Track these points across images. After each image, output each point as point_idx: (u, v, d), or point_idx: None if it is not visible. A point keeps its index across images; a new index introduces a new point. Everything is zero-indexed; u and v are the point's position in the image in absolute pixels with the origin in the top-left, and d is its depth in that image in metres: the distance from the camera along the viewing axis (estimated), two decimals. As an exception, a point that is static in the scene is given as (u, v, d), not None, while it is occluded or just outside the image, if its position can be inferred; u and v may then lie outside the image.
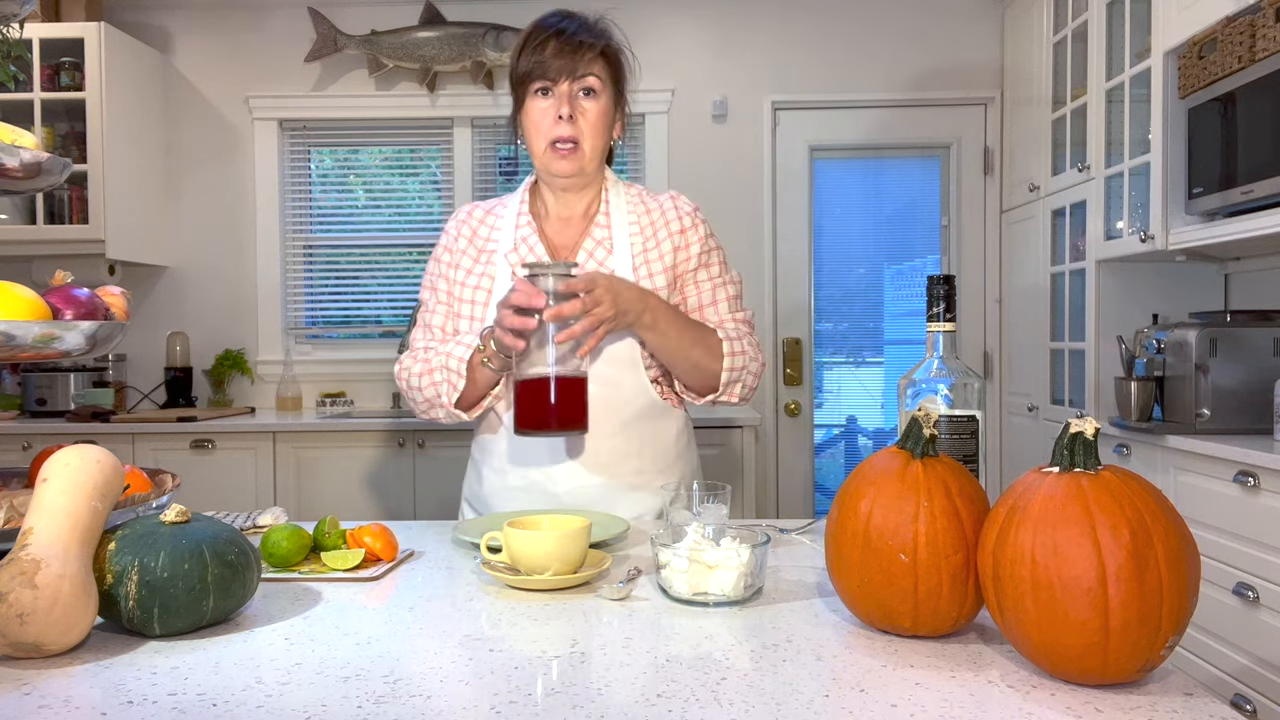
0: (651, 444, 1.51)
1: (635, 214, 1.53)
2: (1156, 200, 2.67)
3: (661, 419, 1.52)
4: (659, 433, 1.52)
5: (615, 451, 1.47)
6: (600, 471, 1.47)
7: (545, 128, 1.44)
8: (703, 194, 3.65)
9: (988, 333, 3.86)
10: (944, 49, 3.83)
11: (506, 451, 1.51)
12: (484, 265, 1.51)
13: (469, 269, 1.52)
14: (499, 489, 1.52)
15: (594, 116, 1.45)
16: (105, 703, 0.75)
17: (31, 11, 1.24)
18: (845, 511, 0.91)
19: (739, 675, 0.80)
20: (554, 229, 1.54)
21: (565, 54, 1.42)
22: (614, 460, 1.47)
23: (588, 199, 1.54)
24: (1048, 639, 0.76)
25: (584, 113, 1.44)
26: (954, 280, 1.11)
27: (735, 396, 1.49)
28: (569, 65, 1.42)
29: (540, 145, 1.46)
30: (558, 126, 1.43)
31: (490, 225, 1.55)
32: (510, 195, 1.59)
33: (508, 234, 1.52)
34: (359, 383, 3.88)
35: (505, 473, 1.51)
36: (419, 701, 0.75)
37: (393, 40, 3.77)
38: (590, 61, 1.43)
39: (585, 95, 1.44)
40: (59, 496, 0.89)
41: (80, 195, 3.50)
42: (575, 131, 1.44)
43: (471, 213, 1.57)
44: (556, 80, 1.42)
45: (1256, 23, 2.24)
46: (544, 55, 1.42)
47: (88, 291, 1.14)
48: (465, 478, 1.64)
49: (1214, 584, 2.24)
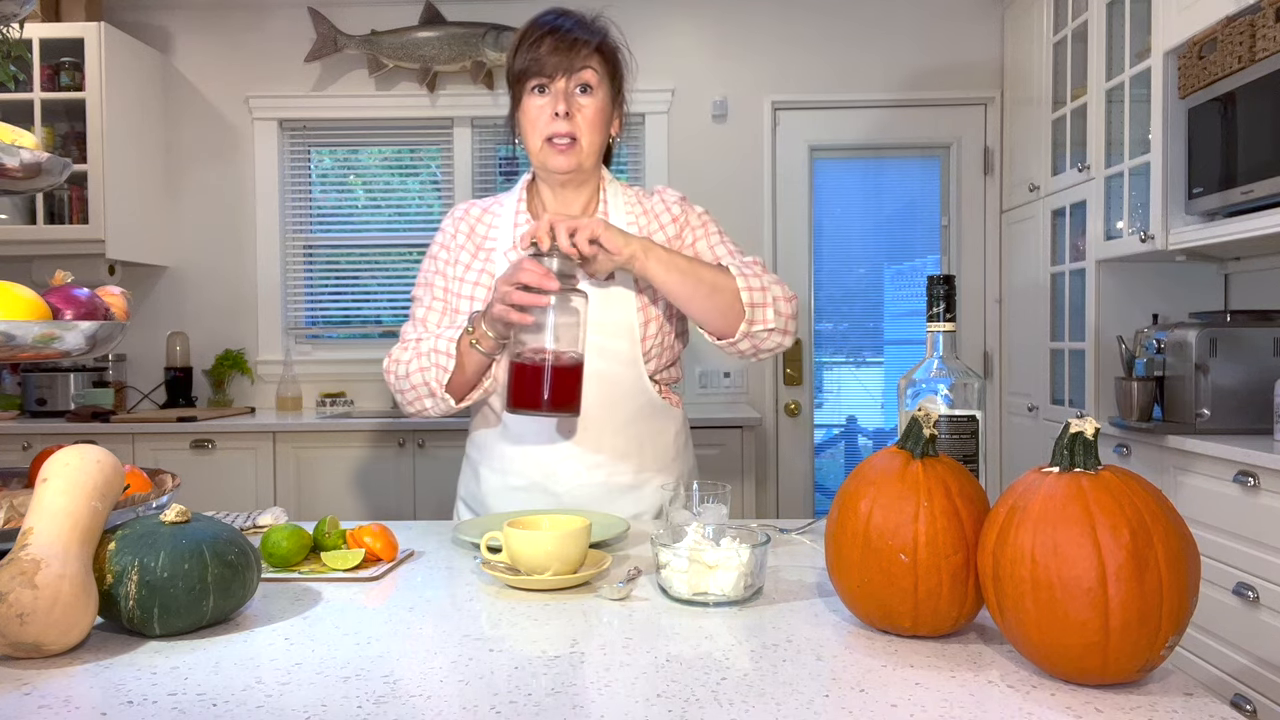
0: (651, 443, 1.51)
1: (633, 213, 1.53)
2: (1156, 200, 2.67)
3: (661, 418, 1.52)
4: (659, 432, 1.52)
5: (615, 450, 1.47)
6: (599, 470, 1.47)
7: (541, 124, 1.44)
8: (703, 194, 3.65)
9: (988, 333, 3.86)
10: (944, 49, 3.83)
11: (506, 451, 1.51)
12: (483, 263, 1.51)
13: (467, 264, 1.52)
14: (498, 488, 1.52)
15: (590, 113, 1.44)
16: (105, 703, 0.75)
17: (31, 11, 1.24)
18: (845, 511, 0.91)
19: (739, 675, 0.80)
20: None
21: (561, 51, 1.41)
22: (614, 459, 1.48)
23: (585, 196, 1.54)
24: (1048, 639, 0.76)
25: (580, 109, 1.44)
26: (954, 280, 1.11)
27: (769, 322, 1.38)
28: (564, 62, 1.41)
29: (536, 142, 1.45)
30: (554, 123, 1.43)
31: (488, 223, 1.55)
32: (506, 193, 1.59)
33: (506, 231, 1.52)
34: (359, 383, 3.88)
35: (505, 472, 1.51)
36: (419, 701, 0.75)
37: (393, 40, 3.77)
38: (586, 58, 1.43)
39: (581, 92, 1.44)
40: (59, 496, 0.89)
41: (80, 195, 3.50)
42: (572, 128, 1.43)
43: (469, 210, 1.57)
44: (553, 77, 1.42)
45: (1256, 23, 2.24)
46: (539, 52, 1.42)
47: (88, 291, 1.14)
48: (460, 477, 1.64)
49: (1214, 584, 2.24)
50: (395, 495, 3.31)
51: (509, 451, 1.50)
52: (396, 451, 3.29)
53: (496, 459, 1.52)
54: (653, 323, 1.47)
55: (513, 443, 1.49)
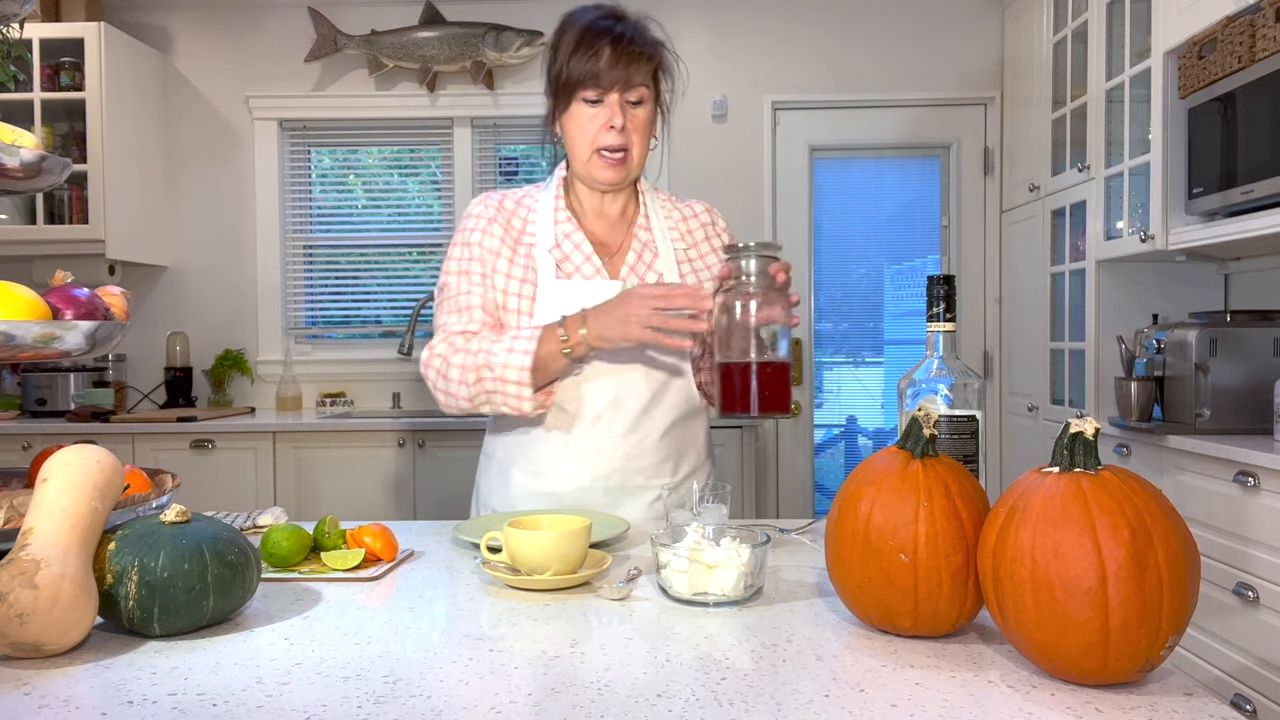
0: (692, 443, 1.52)
1: (673, 220, 1.54)
2: (1156, 200, 2.67)
3: (696, 419, 1.54)
4: (696, 433, 1.54)
5: (659, 454, 1.47)
6: (642, 473, 1.47)
7: (592, 134, 1.42)
8: (703, 194, 3.62)
9: (988, 333, 3.86)
10: (944, 49, 3.83)
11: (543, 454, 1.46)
12: (524, 259, 1.48)
13: (510, 259, 1.47)
14: (532, 492, 1.48)
15: (641, 124, 1.44)
16: (105, 703, 0.75)
17: (31, 11, 1.24)
18: (845, 511, 0.91)
19: (739, 675, 0.80)
20: (593, 226, 1.52)
21: (620, 65, 1.39)
22: (656, 462, 1.47)
23: (624, 200, 1.54)
24: (1048, 639, 0.76)
25: (633, 120, 1.43)
26: (954, 280, 1.11)
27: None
28: (623, 75, 1.39)
29: (585, 152, 1.44)
30: (607, 135, 1.41)
31: (523, 218, 1.51)
32: (539, 187, 1.55)
33: (546, 228, 1.48)
34: (359, 383, 3.88)
35: (541, 475, 1.47)
36: (419, 701, 0.75)
37: (393, 40, 3.77)
38: (645, 74, 1.42)
39: (634, 104, 1.43)
40: (59, 496, 0.89)
41: (80, 195, 3.50)
42: (625, 141, 1.42)
43: (502, 203, 1.51)
44: (609, 89, 1.40)
45: (1256, 23, 2.24)
46: (599, 65, 1.38)
47: (88, 291, 1.14)
48: (483, 478, 1.58)
49: (1214, 584, 2.24)
50: (395, 495, 3.31)
51: (545, 454, 1.46)
52: (396, 451, 3.29)
53: (533, 462, 1.48)
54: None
55: (552, 445, 1.46)
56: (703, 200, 1.60)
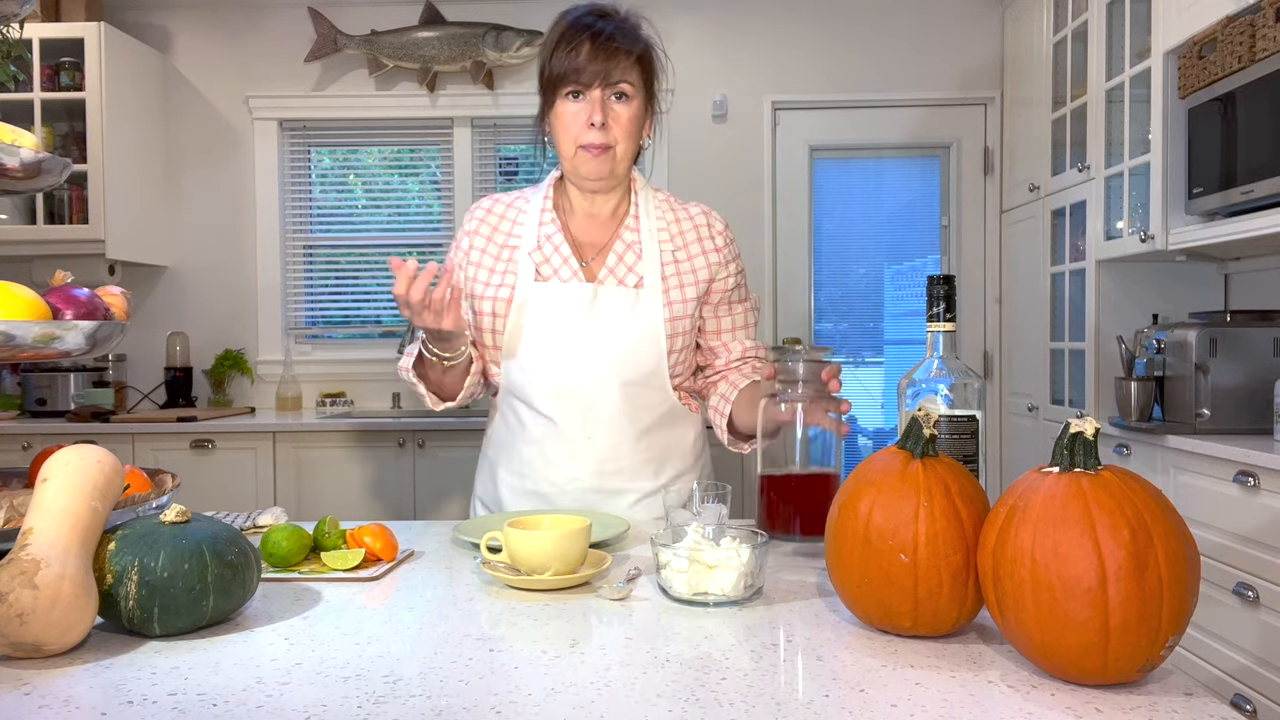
0: (673, 448, 1.52)
1: (665, 221, 1.53)
2: (1156, 200, 2.67)
3: (682, 424, 1.53)
4: (680, 438, 1.53)
5: (637, 456, 1.48)
6: (619, 475, 1.47)
7: (575, 131, 1.42)
8: (703, 194, 3.64)
9: (988, 333, 3.86)
10: (944, 49, 3.83)
11: (524, 453, 1.50)
12: (506, 263, 1.49)
13: (491, 267, 1.50)
14: (516, 490, 1.52)
15: (625, 121, 1.43)
16: (105, 703, 0.75)
17: (31, 11, 1.24)
18: (845, 511, 0.91)
19: (739, 675, 0.80)
20: (580, 227, 1.52)
21: (600, 59, 1.39)
22: (636, 464, 1.48)
23: (616, 199, 1.53)
24: (1048, 639, 0.76)
25: (615, 117, 1.42)
26: (954, 280, 1.11)
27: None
28: (603, 70, 1.39)
29: (569, 148, 1.44)
30: (588, 132, 1.41)
31: (512, 220, 1.52)
32: (533, 189, 1.57)
33: (530, 230, 1.50)
34: (359, 383, 3.88)
35: (523, 475, 1.50)
36: (419, 701, 0.75)
37: (393, 40, 3.77)
38: (625, 70, 1.41)
39: (617, 100, 1.42)
40: (59, 496, 0.89)
41: (80, 195, 3.50)
42: (606, 138, 1.42)
43: (492, 207, 1.54)
44: (589, 85, 1.40)
45: (1256, 23, 2.24)
46: (578, 60, 1.39)
47: (88, 291, 1.14)
48: (477, 475, 1.63)
49: (1214, 584, 2.24)
50: (395, 495, 3.31)
51: (526, 453, 1.50)
52: (396, 451, 3.29)
53: (516, 462, 1.51)
54: (680, 336, 1.48)
55: (533, 445, 1.49)
56: (703, 204, 1.59)
